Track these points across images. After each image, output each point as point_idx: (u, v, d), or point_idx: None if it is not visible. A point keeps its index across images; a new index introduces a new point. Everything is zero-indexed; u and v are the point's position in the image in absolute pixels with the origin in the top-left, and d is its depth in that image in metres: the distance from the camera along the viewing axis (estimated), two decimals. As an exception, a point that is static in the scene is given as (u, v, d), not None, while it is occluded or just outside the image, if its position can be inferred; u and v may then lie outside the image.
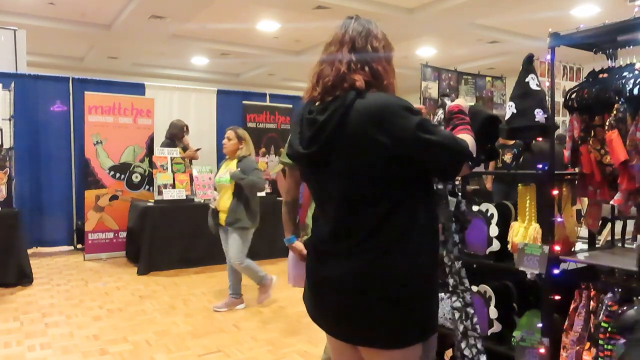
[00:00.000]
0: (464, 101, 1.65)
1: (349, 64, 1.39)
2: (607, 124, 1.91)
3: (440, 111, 1.74)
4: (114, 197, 6.25)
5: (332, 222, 1.43)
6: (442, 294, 2.39)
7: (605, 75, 2.04)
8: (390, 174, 1.35)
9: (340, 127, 1.35)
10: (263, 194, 5.47)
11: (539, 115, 2.14)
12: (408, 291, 1.36)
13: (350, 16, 1.49)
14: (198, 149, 6.43)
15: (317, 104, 1.42)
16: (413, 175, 1.37)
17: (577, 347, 1.88)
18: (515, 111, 2.26)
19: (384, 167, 1.34)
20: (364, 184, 1.37)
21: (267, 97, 7.92)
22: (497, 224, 2.18)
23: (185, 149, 6.36)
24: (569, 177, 2.13)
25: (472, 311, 1.71)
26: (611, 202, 1.97)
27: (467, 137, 1.45)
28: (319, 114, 1.39)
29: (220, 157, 7.30)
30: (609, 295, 1.81)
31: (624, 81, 1.89)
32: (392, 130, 1.31)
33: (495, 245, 2.17)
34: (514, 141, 4.51)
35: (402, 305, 1.36)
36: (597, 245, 2.25)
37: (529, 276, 2.01)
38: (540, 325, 1.99)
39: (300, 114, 1.47)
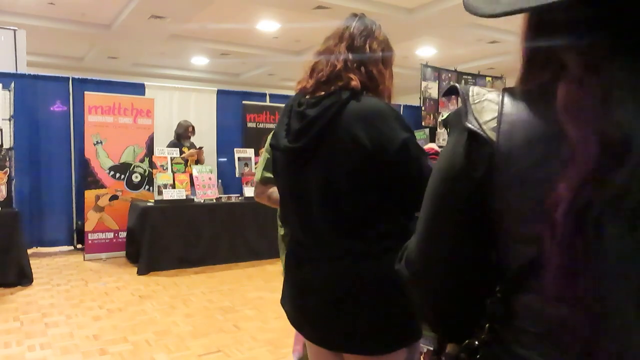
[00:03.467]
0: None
1: (345, 61, 1.36)
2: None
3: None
4: (114, 197, 6.25)
5: (305, 221, 1.39)
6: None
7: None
8: (369, 178, 1.33)
9: (330, 126, 1.32)
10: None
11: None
12: (387, 296, 1.31)
13: (355, 14, 1.46)
14: (201, 148, 6.43)
15: (307, 97, 1.39)
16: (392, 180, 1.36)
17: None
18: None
19: (364, 171, 1.32)
20: (343, 185, 1.33)
21: (267, 97, 7.92)
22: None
23: (192, 148, 6.39)
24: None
25: None
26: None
27: None
28: (309, 108, 1.35)
29: (221, 157, 7.34)
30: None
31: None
32: (378, 137, 1.29)
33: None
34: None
35: (382, 310, 1.32)
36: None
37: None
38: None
39: (290, 105, 1.43)
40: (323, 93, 1.36)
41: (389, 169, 1.31)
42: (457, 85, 0.71)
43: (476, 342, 0.70)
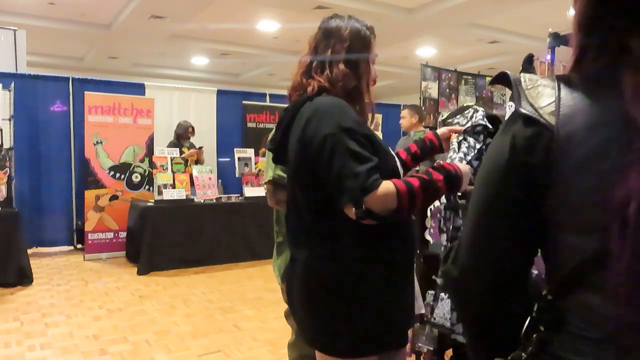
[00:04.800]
0: (467, 169, 1.40)
1: (309, 67, 1.43)
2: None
3: (472, 116, 1.68)
4: (114, 197, 6.25)
5: (286, 220, 1.49)
6: (442, 294, 2.39)
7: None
8: (311, 177, 1.34)
9: (287, 130, 1.40)
10: (262, 192, 5.46)
11: (539, 115, 2.14)
12: (348, 300, 1.32)
13: (332, 15, 1.49)
14: (200, 148, 6.42)
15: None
16: None
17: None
18: (515, 111, 2.26)
19: (305, 170, 1.35)
20: (297, 185, 1.39)
21: (267, 97, 7.91)
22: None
23: (192, 148, 6.39)
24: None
25: None
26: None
27: (401, 186, 1.24)
28: (282, 114, 1.45)
29: (221, 157, 7.34)
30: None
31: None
32: (308, 135, 1.31)
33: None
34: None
35: (341, 313, 1.33)
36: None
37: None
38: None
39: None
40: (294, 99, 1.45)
41: (317, 166, 1.30)
42: (507, 72, 0.68)
43: (523, 355, 0.63)
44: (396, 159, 1.45)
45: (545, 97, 0.62)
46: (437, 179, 1.29)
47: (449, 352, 2.60)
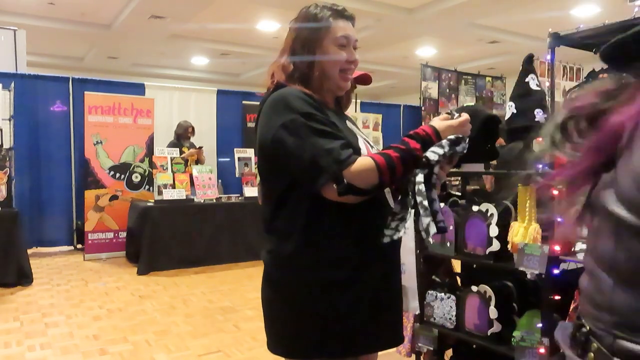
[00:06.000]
0: (444, 125, 1.26)
1: (273, 65, 1.42)
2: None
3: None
4: (114, 197, 6.25)
5: None
6: (442, 294, 2.40)
7: (605, 75, 2.04)
8: (265, 172, 1.36)
9: (255, 126, 1.40)
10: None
11: (539, 115, 2.14)
12: (300, 301, 1.30)
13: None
14: (200, 147, 6.42)
15: None
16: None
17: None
18: (515, 111, 2.27)
19: (262, 164, 1.37)
20: (262, 182, 1.41)
21: (267, 97, 7.90)
22: (497, 224, 2.18)
23: (192, 148, 6.40)
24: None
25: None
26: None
27: (377, 159, 1.18)
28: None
29: (221, 157, 7.34)
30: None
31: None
32: (260, 127, 1.33)
33: (495, 246, 2.17)
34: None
35: (293, 313, 1.32)
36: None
37: (529, 276, 2.01)
38: (540, 325, 1.99)
39: None
40: None
41: (272, 158, 1.30)
42: None
43: None
44: (360, 141, 1.36)
45: None
46: (414, 148, 1.21)
47: (449, 352, 2.60)
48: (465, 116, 1.28)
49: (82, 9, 7.86)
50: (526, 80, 2.24)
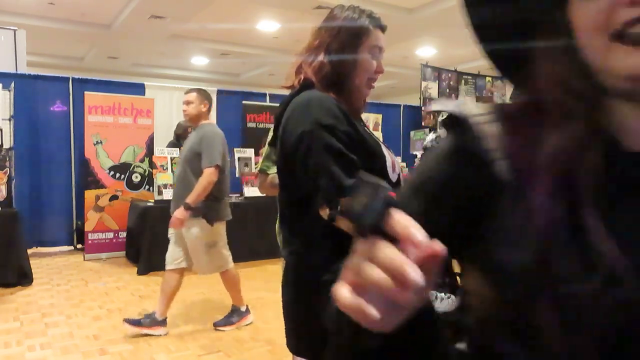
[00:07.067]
0: None
1: (303, 60, 1.38)
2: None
3: (431, 136, 1.67)
4: (114, 197, 6.25)
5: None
6: (442, 294, 2.40)
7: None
8: (288, 174, 1.34)
9: (278, 125, 1.36)
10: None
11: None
12: (307, 297, 1.30)
13: (339, 5, 1.46)
14: None
15: None
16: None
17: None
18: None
19: (284, 167, 1.35)
20: (281, 184, 1.40)
21: (267, 97, 7.91)
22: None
23: None
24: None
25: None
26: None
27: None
28: (277, 111, 1.41)
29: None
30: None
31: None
32: (285, 131, 1.29)
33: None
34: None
35: (302, 309, 1.35)
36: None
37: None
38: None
39: None
40: None
41: (294, 165, 1.28)
42: None
43: None
44: (388, 159, 1.35)
45: None
46: None
47: (449, 352, 2.60)
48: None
49: (82, 9, 7.86)
50: (526, 80, 2.23)
